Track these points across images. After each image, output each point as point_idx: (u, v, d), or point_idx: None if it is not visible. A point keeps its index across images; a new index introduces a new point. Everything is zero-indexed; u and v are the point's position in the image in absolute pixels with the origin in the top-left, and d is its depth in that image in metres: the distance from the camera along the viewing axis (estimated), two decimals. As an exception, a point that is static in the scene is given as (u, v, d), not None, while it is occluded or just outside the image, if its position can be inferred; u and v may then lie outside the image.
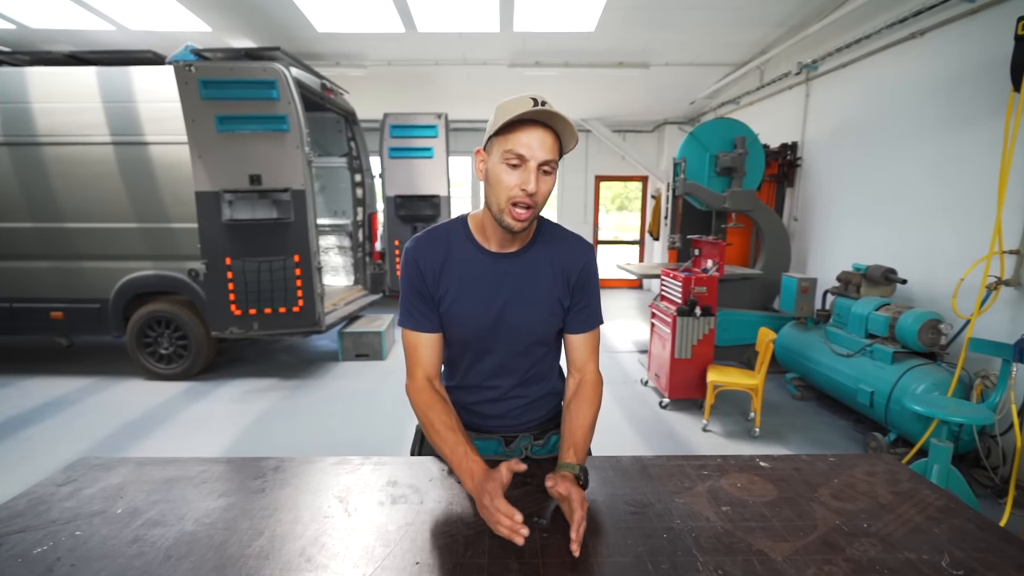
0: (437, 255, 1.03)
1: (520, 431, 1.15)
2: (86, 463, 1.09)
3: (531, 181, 0.90)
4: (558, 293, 1.05)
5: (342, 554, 0.81)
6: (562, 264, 1.05)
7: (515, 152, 0.90)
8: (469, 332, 1.05)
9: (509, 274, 1.03)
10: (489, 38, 4.55)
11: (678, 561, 0.80)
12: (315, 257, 3.93)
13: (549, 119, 0.90)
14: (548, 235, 1.07)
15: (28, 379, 4.14)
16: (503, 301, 1.03)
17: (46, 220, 3.98)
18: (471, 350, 1.08)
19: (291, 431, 3.27)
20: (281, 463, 1.09)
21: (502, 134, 0.91)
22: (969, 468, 2.61)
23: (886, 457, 1.16)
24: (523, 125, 0.90)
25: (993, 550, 0.83)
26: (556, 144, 0.92)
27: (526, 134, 0.89)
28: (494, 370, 1.09)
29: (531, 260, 1.04)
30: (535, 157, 0.90)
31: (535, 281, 1.04)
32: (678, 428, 3.30)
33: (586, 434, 1.01)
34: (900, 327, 2.87)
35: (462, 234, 1.05)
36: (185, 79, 3.54)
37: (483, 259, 1.03)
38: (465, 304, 1.03)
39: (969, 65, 2.91)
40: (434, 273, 1.03)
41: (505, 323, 1.04)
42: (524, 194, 0.91)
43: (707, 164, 4.39)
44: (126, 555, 0.80)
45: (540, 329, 1.06)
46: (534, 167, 0.90)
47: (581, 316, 1.08)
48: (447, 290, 1.03)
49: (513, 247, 1.04)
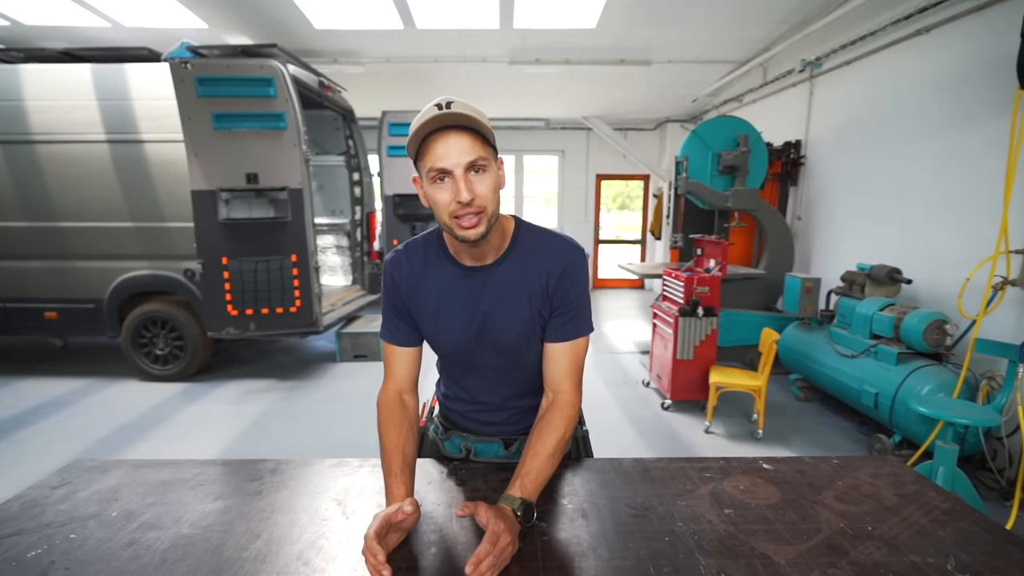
0: (413, 269, 1.01)
1: (520, 435, 1.12)
2: (81, 465, 1.08)
3: (462, 190, 0.84)
4: (536, 303, 0.98)
5: (340, 557, 0.81)
6: (539, 270, 0.98)
7: (436, 168, 0.85)
8: (452, 348, 1.03)
9: (485, 288, 0.98)
10: (489, 35, 4.52)
11: (680, 565, 0.79)
12: (313, 257, 3.91)
13: (452, 120, 0.83)
14: (526, 243, 1.00)
15: (22, 380, 4.12)
16: (482, 316, 0.99)
17: (40, 219, 3.96)
18: (459, 366, 1.07)
19: (288, 433, 3.24)
20: (278, 465, 1.09)
21: (420, 156, 0.87)
22: (975, 470, 2.58)
23: (891, 459, 1.16)
24: (435, 136, 0.84)
25: (999, 553, 0.82)
26: (476, 140, 0.85)
27: (440, 145, 0.84)
28: (485, 384, 1.07)
29: (507, 271, 0.98)
30: (457, 164, 0.84)
31: (513, 294, 0.98)
32: (680, 430, 3.28)
33: (542, 465, 0.90)
34: (905, 328, 2.85)
35: (437, 248, 1.02)
36: (181, 76, 3.51)
37: (458, 274, 0.99)
38: (444, 320, 1.01)
39: (975, 62, 2.88)
40: (408, 287, 1.01)
41: (487, 339, 1.00)
42: (460, 206, 0.85)
43: (710, 162, 4.38)
44: (121, 558, 0.80)
45: (523, 342, 1.01)
46: (460, 174, 0.85)
47: (559, 323, 0.99)
48: (425, 306, 1.01)
49: (487, 260, 0.98)
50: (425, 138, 0.85)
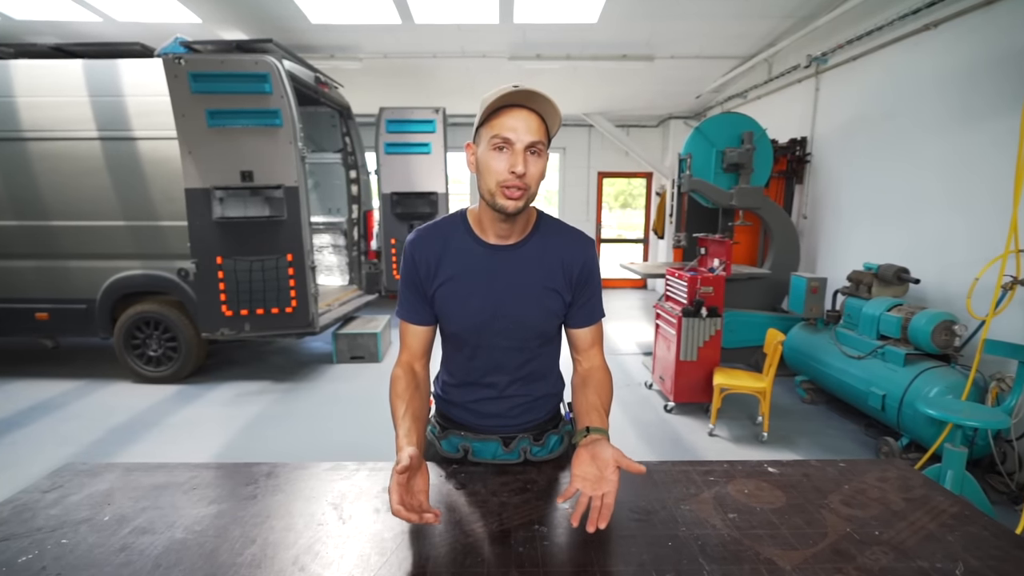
0: (434, 248, 1.05)
1: (518, 431, 1.14)
2: (72, 469, 1.08)
3: (519, 163, 0.91)
4: (557, 287, 1.05)
5: (336, 563, 0.80)
6: (563, 258, 1.05)
7: (501, 136, 0.92)
8: (465, 323, 1.06)
9: (505, 266, 1.04)
10: (488, 30, 4.49)
11: (684, 570, 0.78)
12: (309, 256, 3.88)
13: (531, 101, 0.92)
14: (547, 228, 1.07)
15: (12, 382, 4.08)
16: (498, 293, 1.04)
17: (30, 218, 3.92)
18: (468, 344, 1.09)
19: (284, 436, 3.21)
20: (274, 469, 1.08)
21: (487, 122, 0.94)
22: (984, 474, 2.57)
23: (898, 462, 1.15)
24: (506, 110, 0.92)
25: (1009, 558, 0.81)
26: (542, 126, 0.94)
27: (510, 118, 0.92)
28: (491, 365, 1.09)
29: (528, 252, 1.05)
30: (520, 140, 0.91)
31: (531, 273, 1.04)
32: (684, 432, 3.25)
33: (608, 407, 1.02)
34: (913, 328, 2.83)
35: (461, 227, 1.07)
36: (174, 72, 3.47)
37: (480, 251, 1.04)
38: (461, 294, 1.04)
39: (984, 58, 2.87)
40: (428, 266, 1.05)
41: (500, 315, 1.04)
42: (514, 176, 0.92)
43: (713, 160, 4.34)
44: (114, 564, 0.79)
45: (535, 322, 1.06)
46: (520, 149, 0.92)
47: (584, 311, 1.09)
48: (443, 282, 1.05)
49: (511, 239, 1.04)
50: (498, 109, 0.92)
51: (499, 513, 0.92)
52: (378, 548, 0.83)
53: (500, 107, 0.92)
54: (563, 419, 1.22)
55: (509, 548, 0.83)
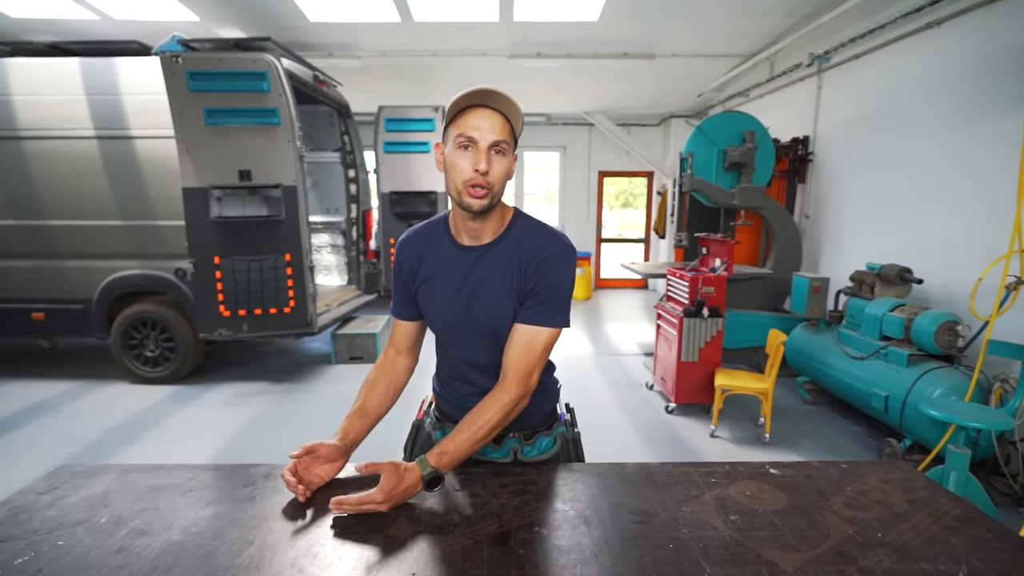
0: (417, 249, 1.10)
1: (508, 431, 1.13)
2: (69, 470, 1.08)
3: (482, 160, 0.94)
4: (516, 284, 1.05)
5: (335, 565, 0.80)
6: (524, 254, 1.04)
7: (465, 135, 0.94)
8: (441, 323, 1.10)
9: (476, 266, 1.05)
10: (488, 28, 4.47)
11: (685, 572, 0.78)
12: (307, 256, 3.86)
13: (493, 101, 0.94)
14: (520, 228, 1.07)
15: (8, 383, 4.06)
16: (468, 293, 1.05)
17: (27, 217, 3.90)
18: (447, 342, 1.13)
19: (282, 437, 3.20)
20: (272, 470, 1.08)
21: (453, 122, 0.97)
22: (987, 475, 2.56)
23: (901, 464, 1.15)
24: (471, 110, 0.95)
25: (1012, 561, 0.81)
26: (506, 125, 0.96)
27: (474, 117, 0.95)
28: (469, 364, 1.11)
29: (499, 253, 1.05)
30: (484, 138, 0.94)
31: (499, 273, 1.05)
32: (685, 434, 3.24)
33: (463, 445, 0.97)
34: (916, 329, 2.82)
35: (441, 228, 1.10)
36: (172, 70, 3.46)
37: (454, 252, 1.07)
38: (436, 295, 1.08)
39: (988, 56, 2.85)
40: (411, 266, 1.10)
41: (472, 316, 1.06)
42: (478, 175, 0.94)
43: (715, 159, 4.32)
44: (110, 566, 0.79)
45: (501, 322, 1.05)
46: (484, 148, 0.94)
47: (527, 307, 1.03)
48: (422, 282, 1.09)
49: (483, 239, 1.05)
50: (464, 108, 0.95)
51: (499, 515, 0.92)
52: (377, 550, 0.83)
53: (465, 107, 0.95)
54: (558, 419, 1.21)
55: (509, 550, 0.82)
